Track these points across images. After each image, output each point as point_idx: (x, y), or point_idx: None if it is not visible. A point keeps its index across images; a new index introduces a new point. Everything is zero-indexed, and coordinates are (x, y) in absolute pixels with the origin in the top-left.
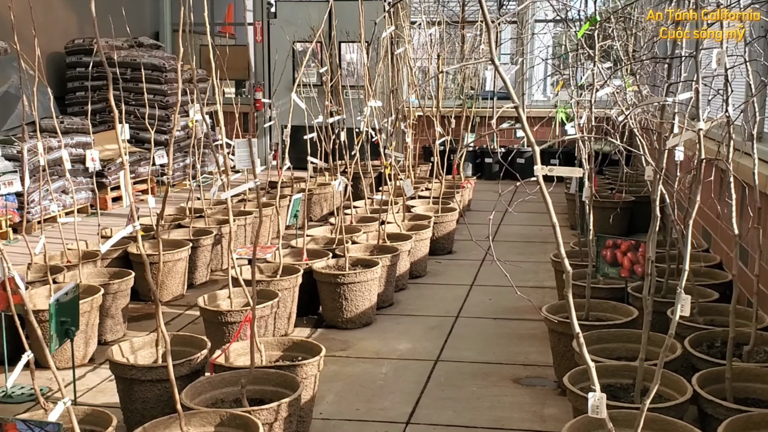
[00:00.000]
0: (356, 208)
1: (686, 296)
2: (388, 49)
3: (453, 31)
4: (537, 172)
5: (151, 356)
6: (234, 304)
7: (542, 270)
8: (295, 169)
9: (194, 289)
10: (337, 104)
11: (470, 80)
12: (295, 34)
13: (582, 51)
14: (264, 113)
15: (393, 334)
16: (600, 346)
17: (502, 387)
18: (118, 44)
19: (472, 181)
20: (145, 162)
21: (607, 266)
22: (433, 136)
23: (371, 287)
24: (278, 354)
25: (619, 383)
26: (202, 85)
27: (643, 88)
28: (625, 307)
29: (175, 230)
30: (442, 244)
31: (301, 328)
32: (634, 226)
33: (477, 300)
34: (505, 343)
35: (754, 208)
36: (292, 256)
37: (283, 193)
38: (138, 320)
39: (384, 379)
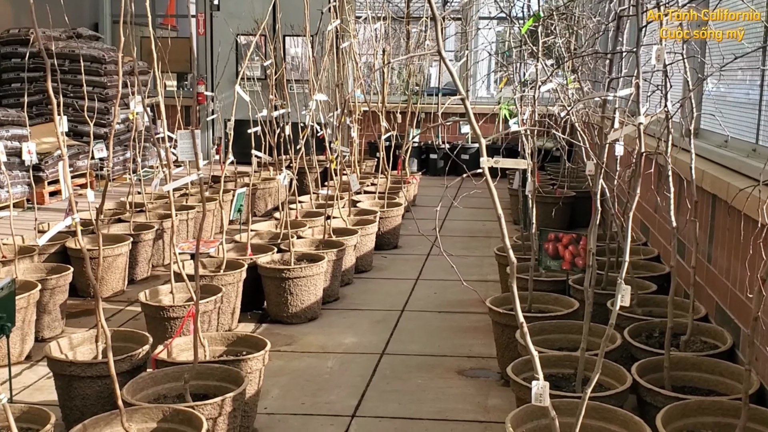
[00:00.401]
0: (301, 202)
1: (626, 287)
2: (333, 43)
3: (398, 27)
4: (483, 163)
5: (90, 352)
6: (176, 299)
7: (486, 264)
8: (239, 163)
9: (135, 284)
10: (282, 98)
11: (415, 76)
12: (239, 27)
13: (525, 48)
14: (207, 107)
15: (338, 329)
16: (542, 337)
17: (447, 379)
18: (56, 35)
19: (417, 176)
20: (84, 155)
21: (549, 259)
22: (379, 132)
23: (317, 282)
24: (222, 349)
25: (561, 373)
26: (143, 77)
27: (584, 84)
28: (566, 299)
29: (116, 225)
30: (388, 238)
31: (246, 324)
32: (575, 221)
33: (422, 294)
34: (450, 335)
35: (691, 201)
36: (236, 251)
37: (227, 187)
38: (77, 316)
39: (329, 373)
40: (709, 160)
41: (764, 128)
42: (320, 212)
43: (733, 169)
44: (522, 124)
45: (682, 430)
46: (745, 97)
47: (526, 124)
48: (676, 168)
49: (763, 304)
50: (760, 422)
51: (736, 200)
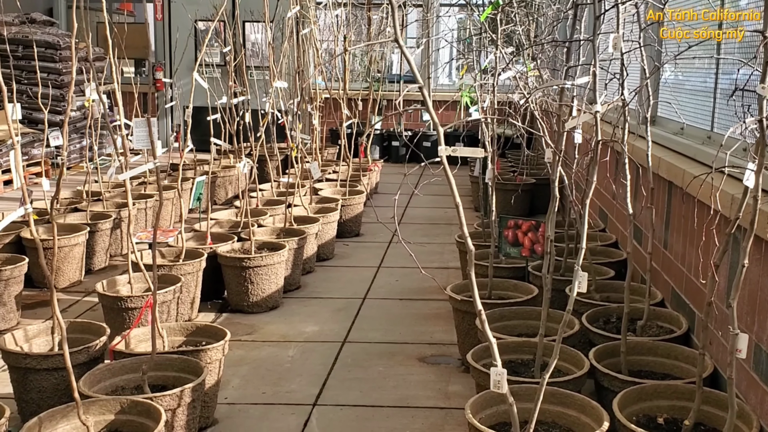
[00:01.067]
0: (262, 191)
1: (583, 273)
2: (294, 29)
3: (359, 13)
4: (441, 152)
5: (46, 344)
6: (134, 289)
7: (447, 251)
8: (198, 151)
9: (93, 274)
10: (242, 85)
11: (377, 63)
12: (197, 12)
13: (485, 35)
14: (165, 93)
15: (300, 317)
16: (502, 324)
17: (408, 366)
18: (9, 20)
19: (379, 164)
20: (39, 143)
21: (508, 246)
22: (340, 119)
23: (278, 270)
24: (181, 339)
25: (520, 359)
26: (99, 63)
27: (543, 72)
28: (526, 286)
29: (72, 214)
30: (350, 226)
31: (206, 313)
32: (535, 208)
33: (384, 281)
34: (411, 323)
35: (647, 188)
36: (195, 240)
37: (186, 175)
38: (33, 308)
39: (291, 362)
40: (665, 147)
41: (719, 116)
42: (281, 200)
43: (689, 156)
44: (482, 112)
45: (639, 413)
46: (701, 85)
47: (487, 112)
48: (633, 156)
49: (716, 290)
50: (713, 405)
51: (691, 187)
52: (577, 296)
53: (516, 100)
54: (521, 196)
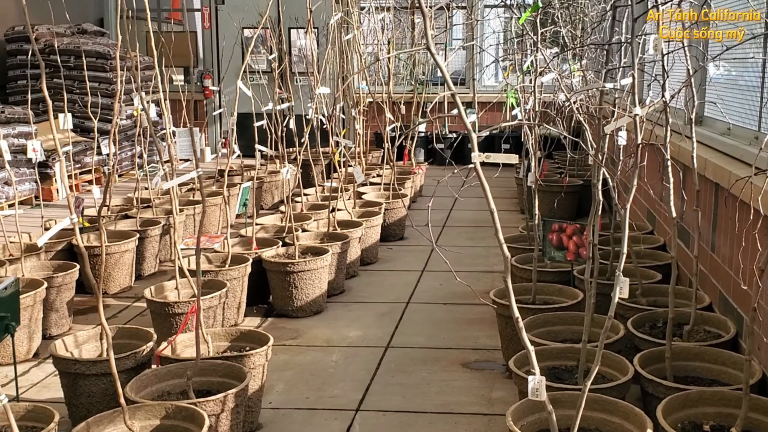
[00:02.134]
0: (307, 195)
1: (624, 279)
2: (337, 35)
3: (403, 17)
4: (474, 159)
5: (96, 350)
6: (181, 295)
7: (492, 254)
8: (246, 156)
9: (142, 280)
10: (287, 91)
11: (421, 66)
12: (243, 20)
13: (527, 37)
14: (213, 101)
15: (343, 322)
16: (546, 329)
17: (451, 372)
18: (61, 31)
19: (423, 166)
20: (91, 151)
21: (553, 250)
22: (384, 123)
23: (321, 275)
24: (226, 344)
25: (564, 365)
26: (149, 72)
27: (588, 73)
28: (570, 290)
29: (123, 221)
30: (394, 230)
31: (252, 318)
32: (583, 210)
33: (427, 286)
34: (455, 327)
35: (693, 190)
36: (241, 245)
37: (234, 181)
38: (84, 313)
39: (334, 367)
40: (712, 148)
41: (766, 116)
42: (325, 205)
43: (735, 157)
44: (525, 113)
45: (684, 420)
46: (749, 84)
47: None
48: (679, 157)
49: (761, 294)
50: (761, 412)
51: (736, 188)
52: (624, 301)
53: (559, 102)
54: (568, 199)
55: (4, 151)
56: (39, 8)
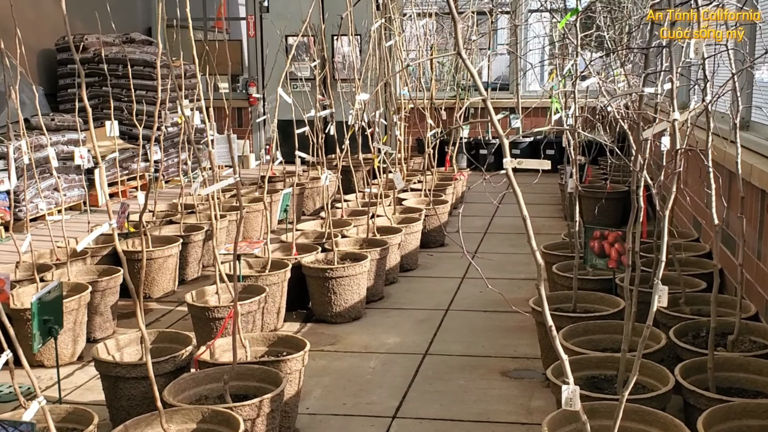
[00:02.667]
0: (347, 201)
1: (663, 287)
2: (379, 41)
3: (445, 23)
4: (506, 165)
5: (136, 353)
6: (222, 299)
7: (533, 262)
8: (288, 163)
9: (186, 284)
10: (329, 98)
11: (463, 71)
12: (287, 28)
13: (568, 41)
14: (257, 108)
15: (382, 328)
16: (586, 338)
17: (490, 380)
18: (110, 40)
19: (465, 173)
20: (138, 158)
21: (595, 257)
22: (426, 128)
23: (360, 281)
24: (264, 349)
25: (604, 374)
26: (195, 80)
27: (631, 77)
28: (612, 298)
29: (167, 226)
30: (434, 236)
31: (291, 323)
32: (628, 216)
33: (467, 293)
34: (495, 335)
35: (738, 196)
36: (281, 251)
37: (276, 187)
38: (128, 317)
39: (372, 374)
40: (759, 153)
41: None
42: (366, 211)
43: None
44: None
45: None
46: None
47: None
48: (724, 162)
49: None
50: None
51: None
52: (666, 309)
53: (600, 106)
54: (612, 205)
55: (52, 158)
56: (89, 18)
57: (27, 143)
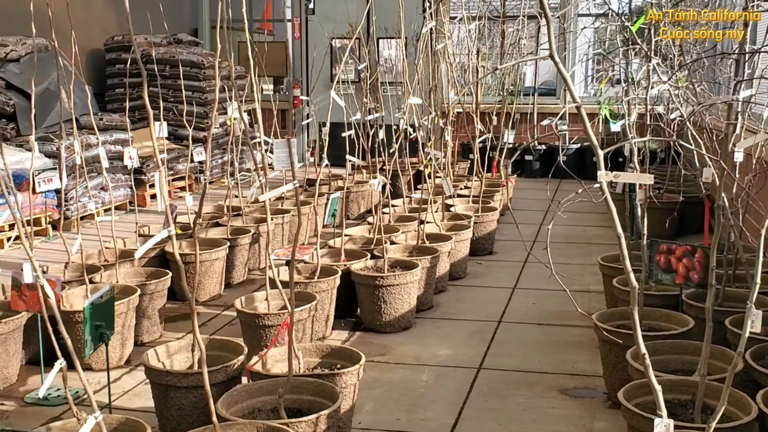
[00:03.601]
0: (394, 206)
1: (757, 312)
2: (428, 44)
3: (493, 26)
4: (600, 178)
5: (187, 361)
6: (271, 306)
7: (587, 273)
8: (333, 166)
9: (232, 288)
10: (375, 101)
11: (510, 76)
12: (334, 30)
13: (633, 47)
14: (302, 110)
15: (433, 339)
16: (654, 358)
17: (549, 398)
18: (157, 41)
19: (512, 179)
20: (184, 159)
21: (660, 272)
22: (473, 133)
23: (410, 290)
24: (316, 360)
25: (677, 399)
26: (241, 82)
27: (697, 84)
28: (679, 316)
29: (213, 229)
30: (483, 244)
31: (339, 331)
32: (684, 227)
33: (519, 304)
34: (551, 350)
35: None
36: (330, 257)
37: (321, 191)
38: (175, 321)
39: (425, 387)
40: None
41: None
42: (413, 216)
43: None
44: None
45: None
46: None
47: (633, 126)
48: None
49: None
50: None
51: None
52: (737, 329)
53: (665, 114)
54: (666, 215)
55: (103, 159)
56: (137, 18)
57: (78, 142)
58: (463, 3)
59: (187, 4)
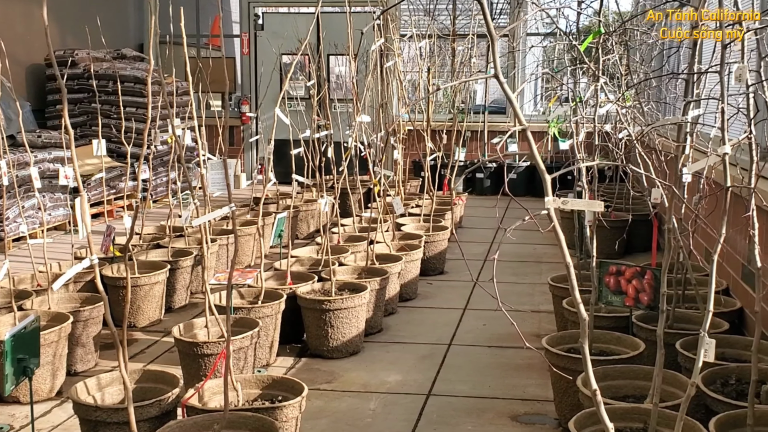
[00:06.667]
0: (344, 226)
1: (711, 340)
2: (378, 62)
3: (443, 45)
4: (548, 204)
5: (119, 394)
6: (211, 334)
7: (537, 292)
8: (281, 184)
9: (173, 313)
10: (325, 118)
11: (460, 94)
12: (282, 46)
13: (580, 66)
14: (250, 127)
15: (382, 364)
16: (606, 384)
17: (499, 425)
18: (100, 56)
19: (463, 197)
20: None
21: (610, 294)
22: (424, 151)
23: (359, 313)
24: (257, 392)
25: (629, 427)
26: (187, 98)
27: (645, 104)
28: (630, 339)
29: (154, 251)
30: (434, 264)
31: (284, 357)
32: (632, 247)
33: (470, 326)
34: (501, 374)
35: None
36: (275, 279)
37: (269, 209)
38: (111, 348)
39: (372, 417)
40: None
41: None
42: (363, 236)
43: None
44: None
45: None
46: None
47: (581, 146)
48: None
49: None
50: None
51: None
52: (688, 352)
53: (611, 132)
54: (614, 234)
55: (35, 179)
56: (81, 33)
57: (9, 162)
58: (413, 21)
59: (133, 19)
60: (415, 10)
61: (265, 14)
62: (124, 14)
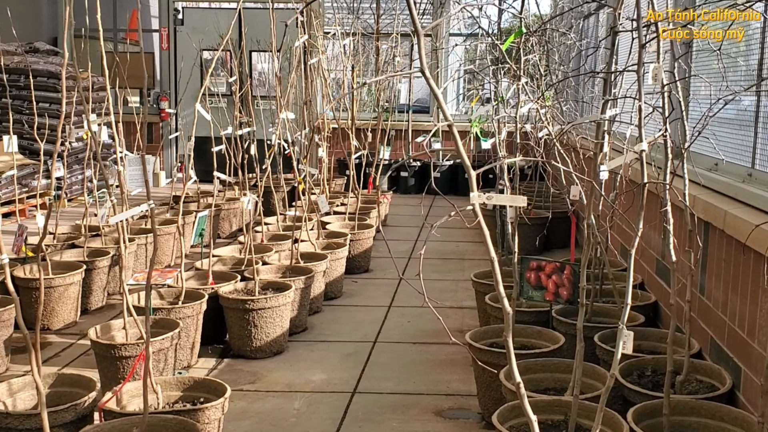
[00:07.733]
0: (267, 224)
1: (629, 333)
2: (301, 59)
3: (367, 43)
4: (473, 200)
5: (32, 399)
6: (129, 336)
7: (460, 289)
8: (203, 182)
9: (89, 315)
10: (248, 115)
11: (385, 93)
12: (203, 42)
13: (503, 66)
14: (169, 123)
15: (306, 363)
16: (527, 377)
17: (424, 421)
18: (11, 50)
19: (388, 195)
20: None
21: (531, 289)
22: (349, 149)
23: (283, 313)
24: (178, 394)
25: (551, 420)
26: (103, 93)
27: (563, 103)
28: (550, 333)
29: (69, 251)
30: (359, 262)
31: (206, 359)
32: (551, 243)
33: (395, 323)
34: (426, 370)
35: (685, 230)
36: (196, 279)
37: (189, 208)
38: (24, 351)
39: (297, 416)
40: (698, 184)
41: (762, 151)
42: (287, 235)
43: (729, 195)
44: (499, 143)
45: None
46: (740, 117)
47: (503, 144)
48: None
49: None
50: None
51: (739, 232)
52: (605, 344)
53: (531, 131)
54: (533, 231)
55: None
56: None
57: None
58: (338, 19)
59: (47, 11)
60: (339, 8)
61: (185, 9)
62: (37, 6)
